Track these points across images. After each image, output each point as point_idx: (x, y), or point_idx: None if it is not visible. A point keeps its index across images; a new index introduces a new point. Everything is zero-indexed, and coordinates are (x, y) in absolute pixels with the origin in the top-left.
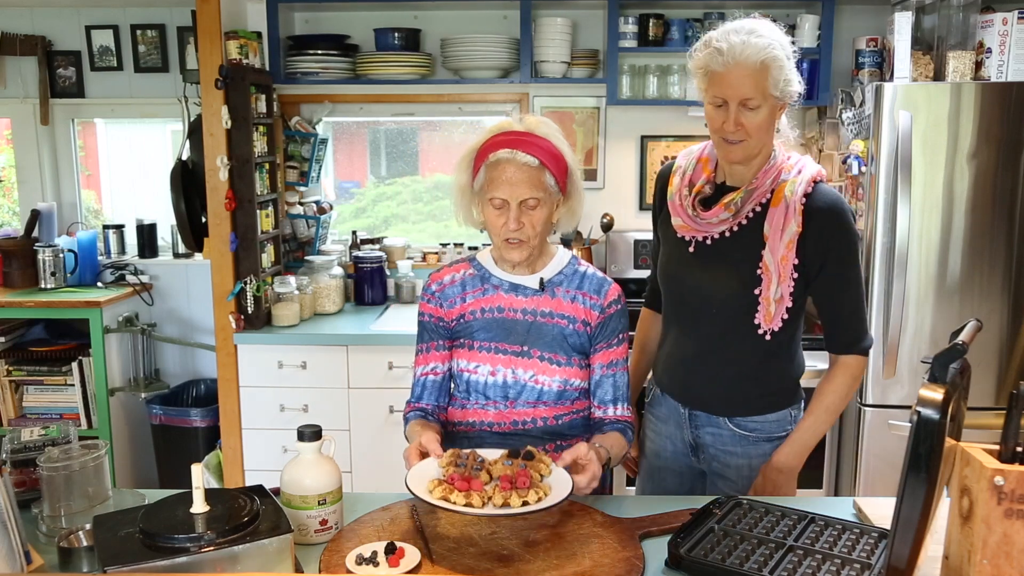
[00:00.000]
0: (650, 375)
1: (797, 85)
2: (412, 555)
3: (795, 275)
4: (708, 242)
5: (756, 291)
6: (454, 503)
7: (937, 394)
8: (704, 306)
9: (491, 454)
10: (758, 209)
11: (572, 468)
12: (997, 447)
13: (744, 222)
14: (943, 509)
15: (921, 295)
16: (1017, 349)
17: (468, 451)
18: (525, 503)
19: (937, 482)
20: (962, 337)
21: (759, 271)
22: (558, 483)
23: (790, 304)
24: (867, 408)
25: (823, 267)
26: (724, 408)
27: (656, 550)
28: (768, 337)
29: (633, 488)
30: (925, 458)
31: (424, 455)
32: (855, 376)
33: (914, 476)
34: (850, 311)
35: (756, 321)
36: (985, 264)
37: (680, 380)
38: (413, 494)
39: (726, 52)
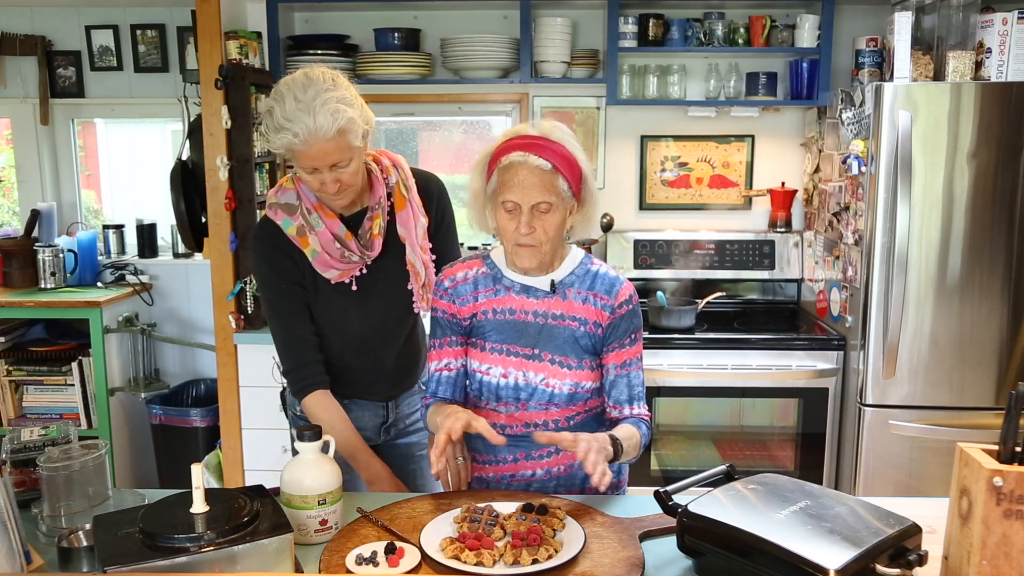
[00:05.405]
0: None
1: (361, 123)
2: (412, 555)
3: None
4: (365, 271)
5: (409, 286)
6: (464, 562)
7: None
8: (389, 310)
9: (506, 508)
10: (389, 218)
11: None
12: (996, 447)
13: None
14: (941, 509)
15: (921, 295)
16: (1017, 349)
17: (484, 505)
18: (535, 560)
19: None
20: None
21: (407, 268)
22: (570, 538)
23: None
24: (867, 408)
25: (440, 226)
26: None
27: (656, 550)
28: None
29: (632, 488)
30: None
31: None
32: None
33: None
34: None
35: (416, 310)
36: (985, 264)
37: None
38: (423, 551)
39: (302, 137)
